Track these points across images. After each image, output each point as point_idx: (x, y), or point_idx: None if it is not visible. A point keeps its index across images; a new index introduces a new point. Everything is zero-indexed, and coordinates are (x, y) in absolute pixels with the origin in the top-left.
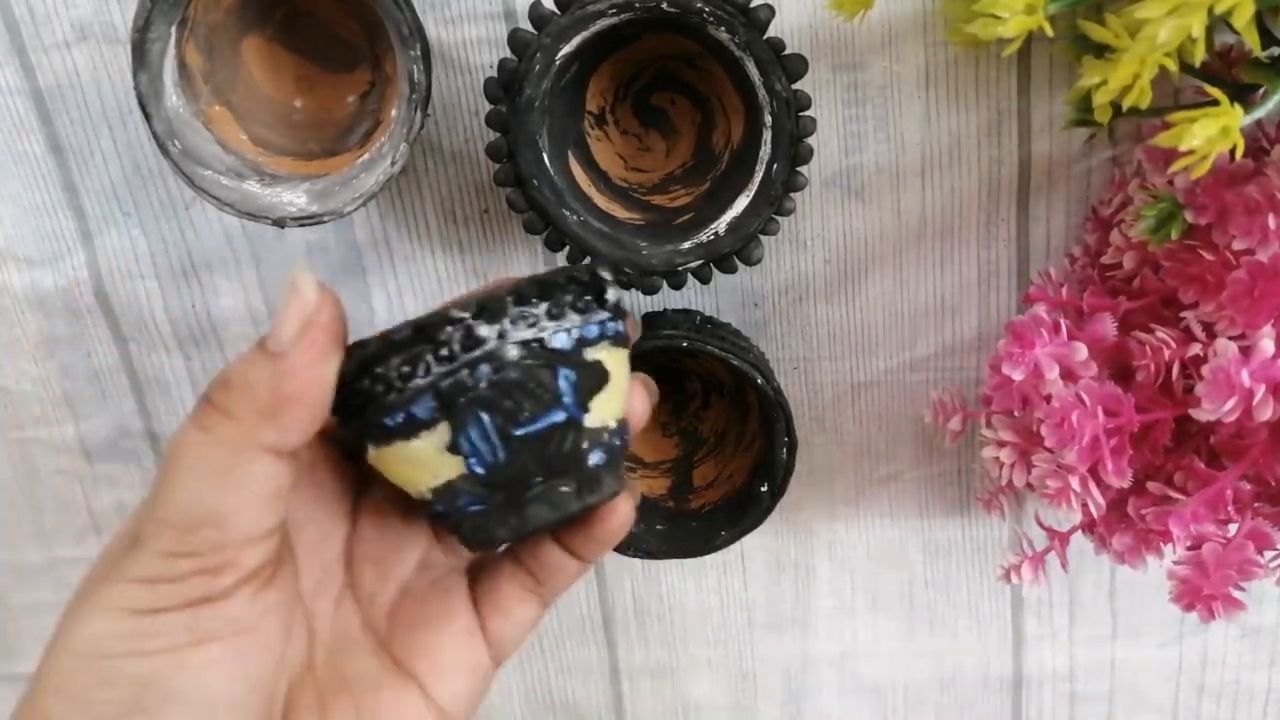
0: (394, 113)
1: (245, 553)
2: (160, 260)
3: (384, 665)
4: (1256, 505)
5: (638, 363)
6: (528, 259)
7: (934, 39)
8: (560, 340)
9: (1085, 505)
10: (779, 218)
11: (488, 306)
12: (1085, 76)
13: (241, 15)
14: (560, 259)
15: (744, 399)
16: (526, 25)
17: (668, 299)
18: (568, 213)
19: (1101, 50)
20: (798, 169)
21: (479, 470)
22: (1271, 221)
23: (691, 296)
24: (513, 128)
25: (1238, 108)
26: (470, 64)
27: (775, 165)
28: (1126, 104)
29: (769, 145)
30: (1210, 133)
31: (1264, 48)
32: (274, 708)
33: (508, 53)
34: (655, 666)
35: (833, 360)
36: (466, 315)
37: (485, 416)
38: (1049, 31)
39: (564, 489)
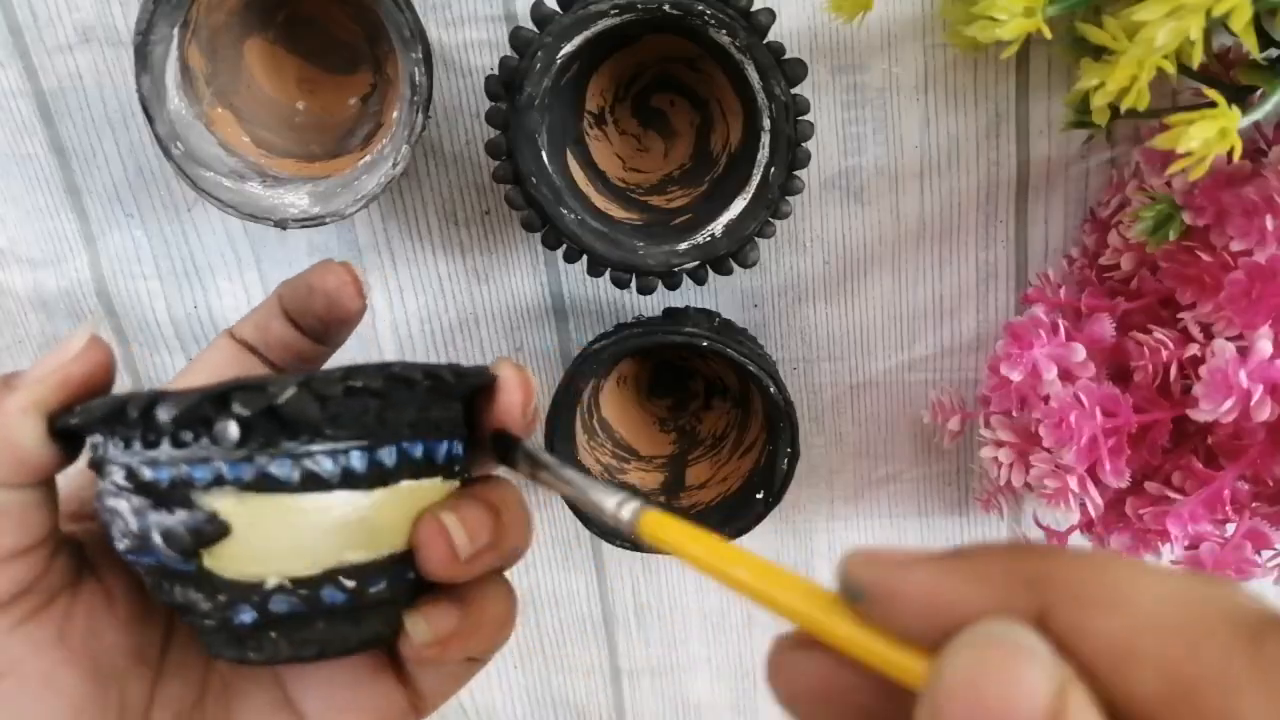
0: (395, 115)
1: (8, 568)
2: (162, 262)
3: (275, 702)
4: (1254, 505)
5: (656, 355)
6: (528, 260)
7: (933, 41)
8: (151, 474)
9: (1083, 505)
10: (775, 221)
11: (119, 419)
12: (1083, 79)
13: (244, 18)
14: (558, 257)
15: (748, 404)
16: (528, 26)
17: (666, 299)
18: (565, 211)
19: (1100, 52)
20: (795, 173)
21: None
22: (1269, 223)
23: (692, 297)
24: (512, 125)
25: (1235, 109)
26: (471, 66)
27: (773, 169)
28: (1125, 106)
29: (767, 149)
30: (1208, 134)
31: (1262, 50)
32: None
33: (509, 53)
34: (656, 665)
35: (832, 361)
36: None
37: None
38: (1047, 34)
39: (370, 624)
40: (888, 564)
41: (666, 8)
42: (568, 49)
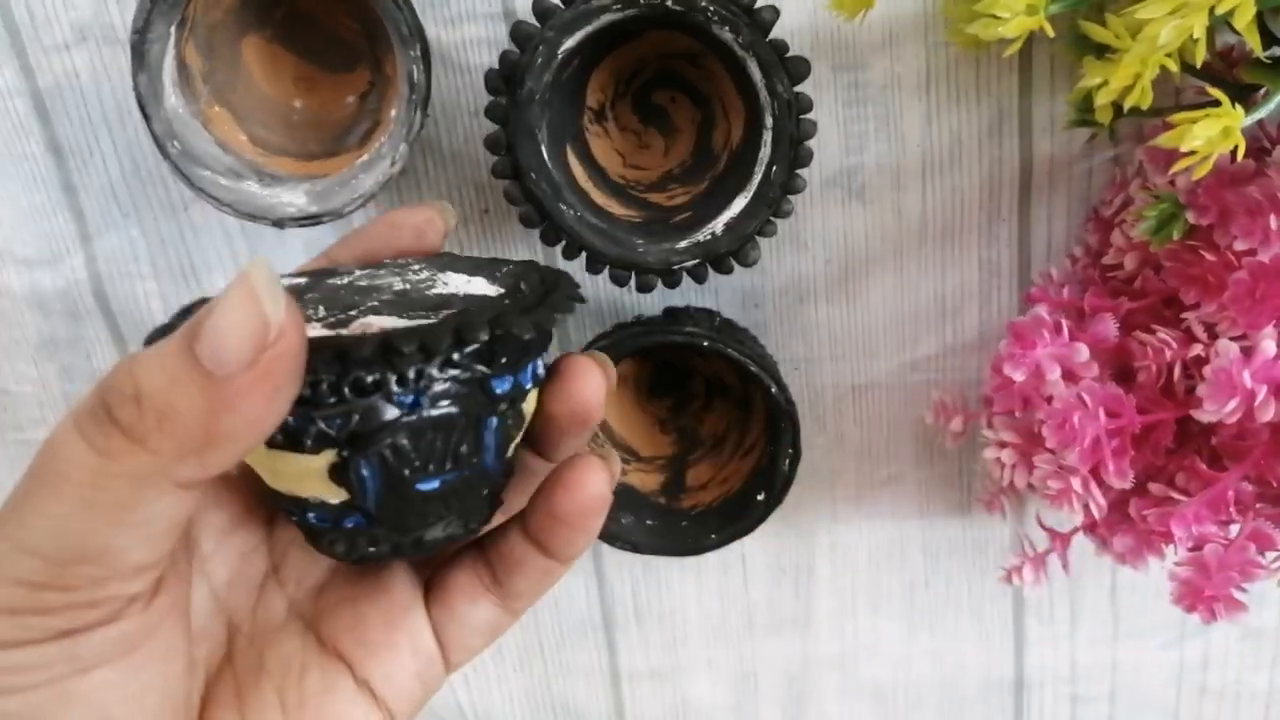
0: (393, 113)
1: (131, 584)
2: (159, 261)
3: (309, 646)
4: (1258, 506)
5: (656, 355)
6: (527, 258)
7: (935, 39)
8: (501, 386)
9: (1086, 506)
10: (776, 220)
11: (434, 338)
12: (1086, 77)
13: (241, 15)
14: (557, 256)
15: (749, 404)
16: (529, 20)
17: (665, 298)
18: (564, 207)
19: (1103, 51)
20: (797, 171)
21: (370, 508)
22: (1273, 222)
23: (692, 296)
24: (512, 120)
25: (1239, 108)
26: (469, 64)
27: (774, 167)
28: (1128, 104)
29: (769, 147)
30: (1211, 133)
31: (1265, 48)
32: (188, 711)
33: (509, 48)
34: (656, 668)
35: (833, 361)
36: (413, 348)
37: (387, 466)
38: (1050, 32)
39: (459, 525)
40: None
41: (669, 3)
42: (569, 44)
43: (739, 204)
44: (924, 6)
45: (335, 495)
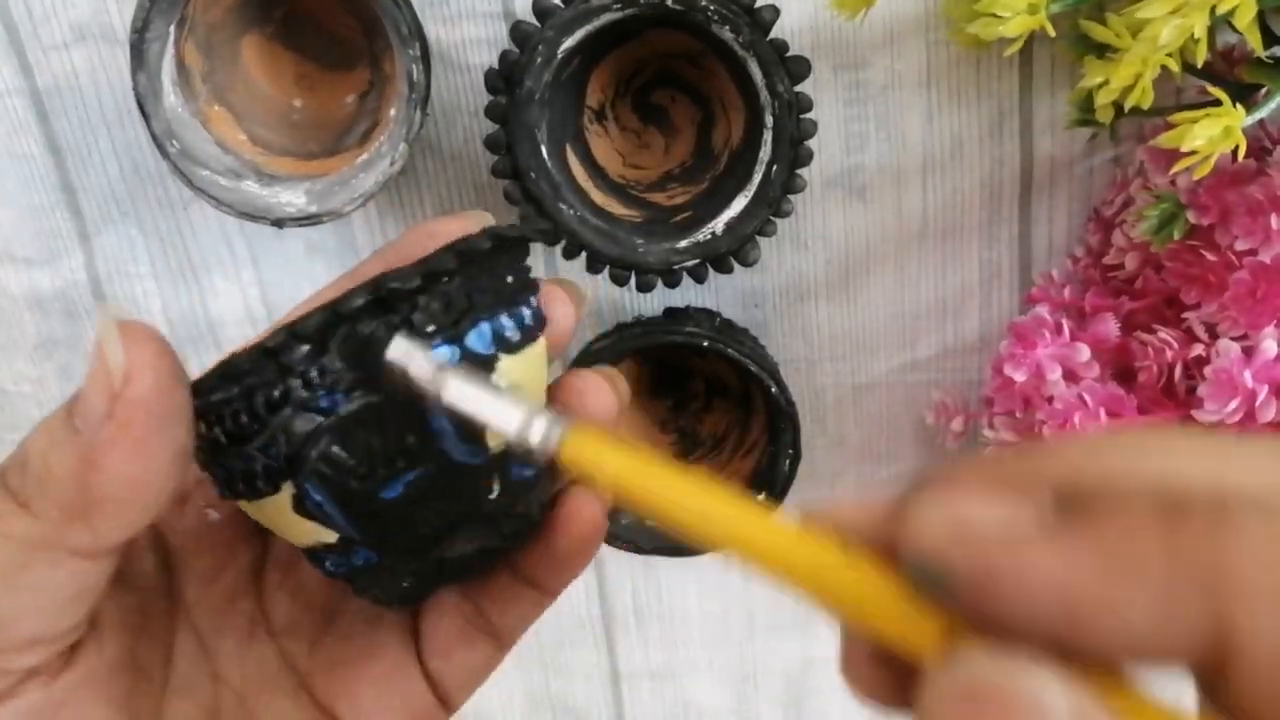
0: (393, 112)
1: (24, 657)
2: (158, 261)
3: (301, 706)
4: None
5: (656, 355)
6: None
7: (935, 38)
8: (436, 357)
9: None
10: (777, 219)
11: (304, 324)
12: (1087, 76)
13: (240, 15)
14: (557, 257)
15: (749, 405)
16: (529, 20)
17: (666, 298)
18: (564, 207)
19: (1103, 50)
20: (797, 171)
21: (353, 534)
22: (1274, 222)
23: (692, 296)
24: (512, 120)
25: (1240, 108)
26: (469, 63)
27: (775, 167)
28: (1129, 104)
29: (769, 146)
30: (1212, 133)
31: (1266, 47)
32: None
33: (509, 47)
34: (656, 669)
35: (834, 361)
36: (303, 343)
37: (330, 481)
38: (1051, 31)
39: (471, 536)
40: (983, 540)
41: (669, 3)
42: (569, 43)
43: (739, 204)
44: (925, 6)
45: (324, 534)
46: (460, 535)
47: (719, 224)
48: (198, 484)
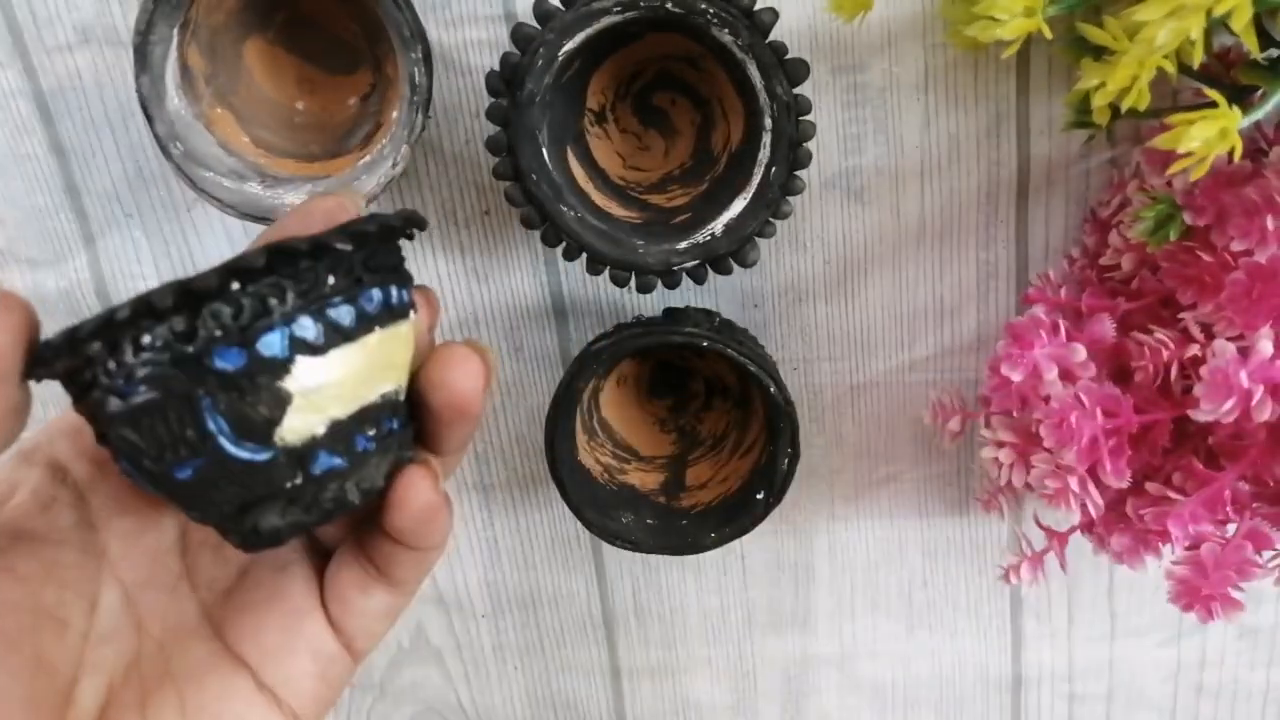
0: (395, 115)
1: None
2: (162, 262)
3: (214, 652)
4: (1255, 506)
5: (656, 355)
6: (528, 260)
7: (933, 41)
8: (225, 361)
9: (1084, 505)
10: (776, 221)
11: (91, 324)
12: (1084, 79)
13: (243, 18)
14: (558, 258)
15: (749, 404)
16: (530, 22)
17: (665, 298)
18: (565, 208)
19: (1100, 52)
20: (796, 173)
21: (168, 500)
22: (1269, 223)
23: (692, 297)
24: (513, 122)
25: (1236, 109)
26: (471, 66)
27: (774, 168)
28: (1125, 106)
29: (768, 148)
30: (1209, 134)
31: (1262, 50)
32: (71, 714)
33: (510, 50)
34: (656, 666)
35: (832, 361)
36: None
37: (129, 458)
38: (1047, 34)
39: (278, 514)
40: None
41: (669, 6)
42: (569, 46)
43: (738, 205)
44: (922, 8)
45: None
46: (264, 512)
47: (718, 225)
48: None
